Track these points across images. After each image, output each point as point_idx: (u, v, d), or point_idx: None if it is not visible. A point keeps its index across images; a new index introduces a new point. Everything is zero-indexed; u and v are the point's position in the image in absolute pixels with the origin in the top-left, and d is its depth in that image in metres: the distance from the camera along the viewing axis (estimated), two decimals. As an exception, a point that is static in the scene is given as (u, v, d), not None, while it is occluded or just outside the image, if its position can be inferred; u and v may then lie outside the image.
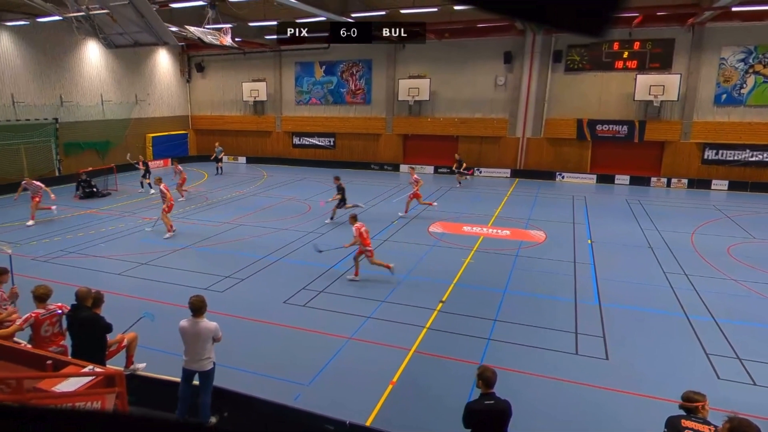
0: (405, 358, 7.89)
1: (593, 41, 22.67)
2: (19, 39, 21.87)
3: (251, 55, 29.89)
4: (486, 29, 24.14)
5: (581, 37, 3.51)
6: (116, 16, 11.25)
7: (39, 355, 5.97)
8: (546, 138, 25.51)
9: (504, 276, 11.60)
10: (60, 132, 23.72)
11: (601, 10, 0.66)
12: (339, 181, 16.00)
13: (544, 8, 0.65)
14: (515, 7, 0.65)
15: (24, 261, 11.59)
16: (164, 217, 14.56)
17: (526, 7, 0.65)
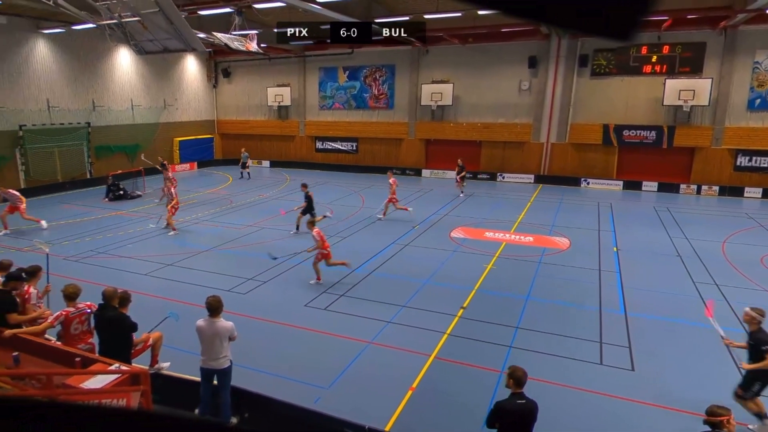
0: (425, 364, 7.84)
1: (621, 45, 22.27)
2: (55, 46, 22.69)
3: (276, 61, 30.33)
4: (510, 34, 23.98)
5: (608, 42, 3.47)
6: (147, 24, 11.56)
7: (68, 352, 6.15)
8: (571, 143, 25.14)
9: (526, 283, 11.44)
10: (92, 135, 24.46)
11: (629, 13, 0.64)
12: (306, 189, 15.25)
13: (571, 12, 0.64)
14: (541, 11, 0.64)
15: (56, 260, 11.92)
16: (169, 217, 15.38)
17: (552, 11, 0.64)
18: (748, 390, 6.08)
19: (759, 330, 6.02)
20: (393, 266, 12.56)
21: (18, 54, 21.31)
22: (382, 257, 13.23)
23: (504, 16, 10.42)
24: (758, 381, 6.02)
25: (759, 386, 6.04)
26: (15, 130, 21.23)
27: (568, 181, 24.97)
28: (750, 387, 6.07)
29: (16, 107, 21.31)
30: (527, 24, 21.82)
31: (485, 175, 26.72)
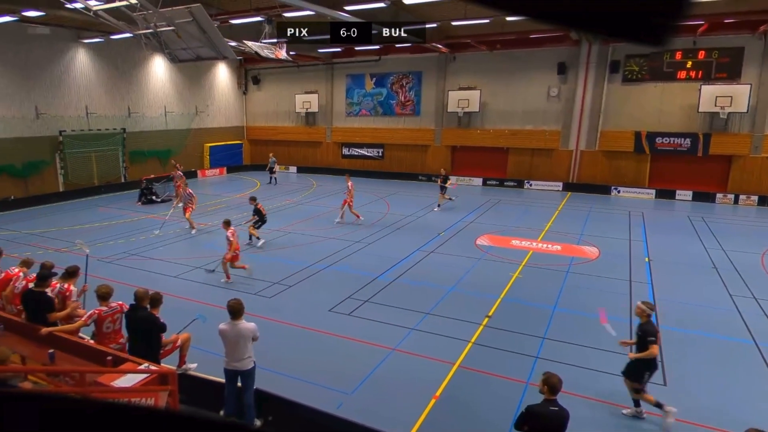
0: (449, 373, 7.76)
1: (654, 51, 21.77)
2: (94, 55, 23.60)
3: (304, 68, 30.78)
4: (539, 40, 23.74)
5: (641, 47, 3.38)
6: (181, 33, 11.90)
7: (100, 351, 6.33)
8: (601, 151, 24.63)
9: (554, 292, 11.22)
10: (127, 141, 25.30)
11: (662, 18, 0.63)
12: (255, 202, 15.15)
13: (602, 18, 0.63)
14: (572, 17, 0.62)
15: (91, 261, 12.31)
16: (189, 217, 16.08)
17: (583, 17, 0.62)
18: (641, 381, 6.48)
19: (647, 323, 6.50)
20: (418, 273, 12.51)
21: (60, 63, 22.25)
22: (406, 264, 13.20)
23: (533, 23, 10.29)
24: (647, 371, 6.47)
25: (648, 375, 6.49)
26: (55, 136, 22.13)
27: (597, 189, 24.44)
28: (641, 378, 6.48)
29: (57, 114, 22.21)
30: (557, 30, 21.58)
31: (512, 182, 26.42)
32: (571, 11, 0.62)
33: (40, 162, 21.65)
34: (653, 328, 6.46)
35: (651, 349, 6.26)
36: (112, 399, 5.47)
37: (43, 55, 21.47)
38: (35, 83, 21.34)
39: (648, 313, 6.55)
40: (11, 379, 5.02)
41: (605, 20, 0.63)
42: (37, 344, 6.68)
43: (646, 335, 6.37)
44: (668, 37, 0.64)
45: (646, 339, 6.34)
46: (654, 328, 6.46)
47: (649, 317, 6.54)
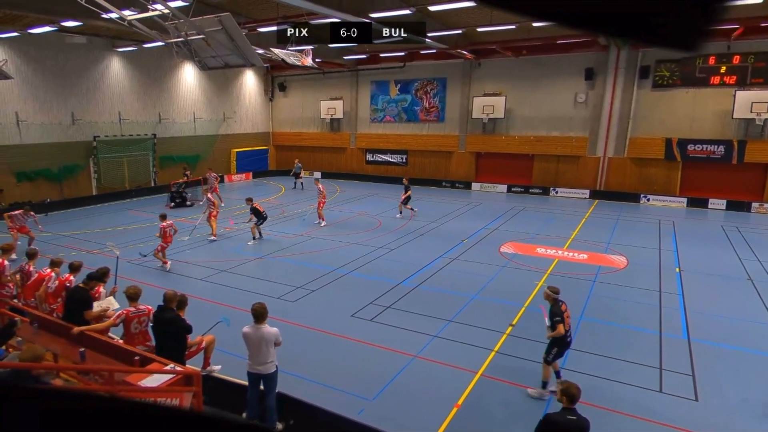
0: (471, 381, 7.67)
1: (686, 56, 21.24)
2: (127, 63, 24.38)
3: (330, 75, 31.11)
4: (566, 45, 23.45)
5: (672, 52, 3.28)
6: (211, 41, 12.18)
7: (128, 351, 6.48)
8: (630, 158, 24.09)
9: (580, 302, 10.99)
10: (157, 146, 25.99)
11: (694, 23, 0.61)
12: (251, 202, 15.88)
13: (632, 23, 0.61)
14: (601, 22, 0.61)
15: (121, 263, 12.65)
16: (212, 221, 16.27)
17: (612, 22, 0.61)
18: (548, 353, 7.19)
19: (554, 304, 7.18)
20: (440, 280, 12.44)
21: (95, 71, 23.05)
22: (429, 270, 13.14)
23: (561, 28, 10.17)
24: (555, 346, 7.14)
25: (556, 350, 7.15)
26: (90, 141, 22.90)
27: (626, 197, 23.89)
28: (549, 350, 7.19)
29: (92, 120, 23.01)
30: (585, 36, 21.28)
31: (537, 189, 26.06)
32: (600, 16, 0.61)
33: (74, 166, 22.44)
34: (559, 308, 7.13)
35: (558, 328, 7.01)
36: (139, 398, 5.57)
37: (80, 63, 22.29)
38: (72, 90, 22.16)
39: (553, 297, 7.26)
40: (44, 376, 5.18)
41: (635, 25, 0.62)
42: (69, 342, 6.88)
43: (554, 316, 7.11)
44: (701, 42, 0.62)
45: (554, 320, 7.08)
46: (560, 309, 7.13)
47: (555, 300, 7.23)
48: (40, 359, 4.98)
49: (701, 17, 0.61)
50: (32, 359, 4.80)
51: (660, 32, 0.62)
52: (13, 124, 20.21)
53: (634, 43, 20.09)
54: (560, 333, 7.00)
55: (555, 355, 7.19)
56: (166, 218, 13.21)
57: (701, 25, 0.61)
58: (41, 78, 20.98)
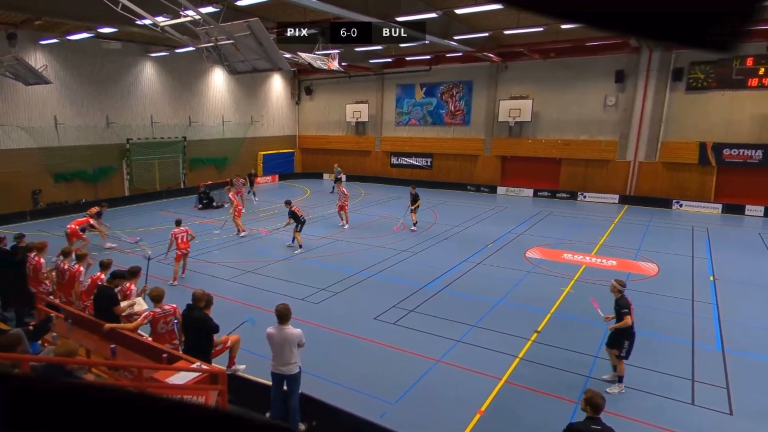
0: (495, 388, 7.57)
1: (722, 57, 20.56)
2: (160, 68, 25.06)
3: (356, 78, 31.30)
4: (596, 47, 23.00)
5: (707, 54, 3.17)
6: (240, 46, 12.40)
7: (157, 349, 6.63)
8: (661, 162, 23.44)
9: (608, 309, 10.66)
10: (187, 149, 26.61)
11: (731, 23, 0.59)
12: (290, 205, 15.52)
13: (666, 24, 0.59)
14: (632, 24, 0.59)
15: (151, 262, 12.96)
16: (236, 220, 16.82)
17: (645, 23, 0.59)
18: (621, 348, 7.41)
19: (621, 297, 7.49)
20: (464, 284, 12.33)
21: (129, 75, 23.77)
22: (453, 274, 13.04)
23: (590, 30, 9.99)
24: (626, 339, 7.39)
25: (628, 344, 7.40)
26: (123, 143, 23.61)
27: (657, 203, 23.24)
28: (621, 345, 7.42)
29: (125, 123, 23.72)
30: (615, 37, 20.85)
31: (564, 194, 25.60)
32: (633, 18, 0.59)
33: (108, 168, 23.16)
34: (626, 301, 7.41)
35: (625, 319, 7.29)
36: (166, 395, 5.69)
37: (115, 68, 23.02)
38: (107, 95, 22.90)
39: (620, 289, 7.55)
40: (77, 370, 5.34)
41: (669, 26, 0.60)
42: (101, 339, 7.09)
43: (621, 308, 7.40)
44: (738, 43, 0.60)
45: (621, 311, 7.38)
46: (627, 302, 7.40)
47: (621, 293, 7.53)
48: (74, 354, 5.13)
49: (739, 17, 0.59)
50: (66, 354, 4.94)
51: (695, 33, 0.60)
52: (52, 126, 20.99)
53: (667, 45, 19.58)
54: (627, 324, 7.27)
55: (628, 348, 7.40)
56: (180, 224, 12.68)
57: (739, 25, 0.59)
58: (78, 82, 21.76)
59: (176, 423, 0.56)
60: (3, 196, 19.39)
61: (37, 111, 20.47)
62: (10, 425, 0.55)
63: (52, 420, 0.55)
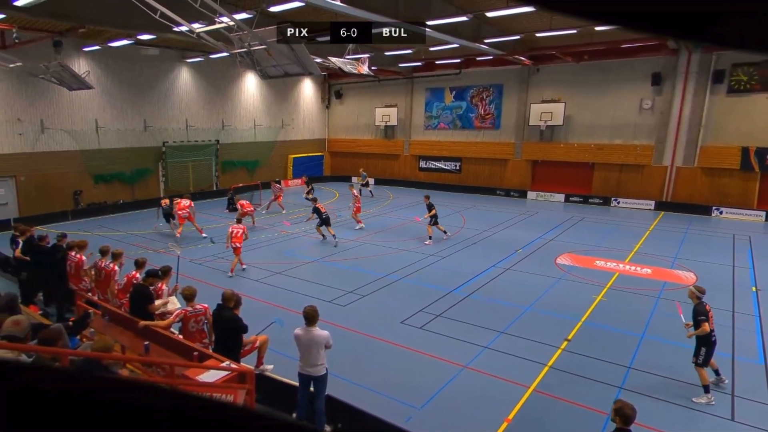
0: (523, 396, 7.43)
1: (766, 59, 19.71)
2: (195, 73, 25.78)
3: (385, 82, 31.42)
4: (632, 50, 22.42)
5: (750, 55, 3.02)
6: (272, 51, 12.63)
7: (188, 347, 6.78)
8: (700, 167, 22.61)
9: (642, 319, 10.40)
10: (219, 152, 27.24)
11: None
12: (316, 202, 17.09)
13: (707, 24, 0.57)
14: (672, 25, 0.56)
15: (183, 262, 13.31)
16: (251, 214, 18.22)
17: (685, 24, 0.56)
18: (698, 355, 7.33)
19: (699, 304, 7.43)
20: (492, 290, 12.17)
21: (166, 80, 24.54)
22: (481, 279, 12.90)
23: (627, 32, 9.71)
24: (703, 346, 7.30)
25: (705, 351, 7.30)
26: (159, 146, 24.37)
27: (695, 210, 22.42)
28: (698, 352, 7.35)
29: (162, 126, 24.48)
30: (652, 39, 20.28)
31: (597, 199, 24.99)
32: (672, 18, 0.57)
33: (145, 170, 23.93)
34: (704, 308, 7.34)
35: (703, 326, 7.22)
36: (197, 392, 5.81)
37: (153, 73, 23.80)
38: (145, 99, 23.70)
39: (698, 296, 7.47)
40: (113, 366, 5.52)
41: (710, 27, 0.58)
42: (135, 335, 7.31)
43: (698, 315, 7.32)
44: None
45: (698, 319, 7.30)
46: (705, 309, 7.33)
47: (700, 299, 7.45)
48: (110, 350, 5.30)
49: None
50: (103, 349, 5.12)
51: (738, 34, 0.58)
52: (93, 130, 21.84)
53: (707, 46, 18.93)
54: (705, 331, 7.21)
55: (705, 356, 7.33)
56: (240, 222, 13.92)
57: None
58: (118, 88, 22.58)
59: (206, 420, 0.57)
60: (47, 196, 20.30)
61: (79, 115, 21.35)
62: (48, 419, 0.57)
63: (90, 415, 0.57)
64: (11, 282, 11.77)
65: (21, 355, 4.64)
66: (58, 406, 0.57)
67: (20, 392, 0.57)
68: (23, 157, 19.70)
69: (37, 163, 20.11)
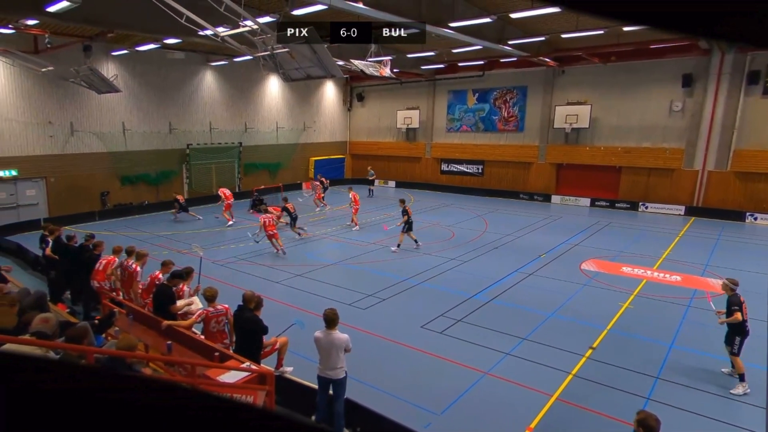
0: (545, 404, 7.24)
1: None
2: (219, 76, 26.17)
3: (407, 85, 31.34)
4: (661, 50, 21.85)
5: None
6: (295, 54, 12.70)
7: (209, 347, 6.82)
8: (734, 171, 21.85)
9: (671, 328, 10.06)
10: (242, 154, 27.55)
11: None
12: (285, 201, 17.47)
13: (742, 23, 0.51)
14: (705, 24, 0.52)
15: (205, 263, 13.45)
16: None
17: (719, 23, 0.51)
18: (733, 344, 7.67)
19: (733, 295, 7.80)
20: (515, 295, 11.95)
21: (191, 84, 24.97)
22: (503, 285, 12.68)
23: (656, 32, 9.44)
24: (737, 335, 7.66)
25: (739, 340, 7.65)
26: (183, 149, 24.78)
27: (728, 215, 21.66)
28: (733, 341, 7.68)
29: (186, 129, 24.90)
30: (683, 39, 19.73)
31: (624, 204, 24.39)
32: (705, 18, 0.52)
33: (170, 172, 24.36)
34: (737, 299, 7.71)
35: (735, 315, 7.60)
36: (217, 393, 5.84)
37: (178, 77, 24.25)
38: (170, 102, 24.15)
39: (732, 288, 7.83)
40: (136, 364, 5.58)
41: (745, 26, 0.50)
42: (158, 335, 7.39)
43: (731, 305, 7.69)
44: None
45: (731, 308, 7.66)
46: (738, 299, 7.70)
47: (733, 290, 7.81)
48: (134, 349, 5.37)
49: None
50: (127, 348, 5.19)
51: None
52: (120, 132, 22.36)
53: (742, 46, 18.32)
54: (737, 319, 7.55)
55: (740, 344, 7.62)
56: (266, 211, 15.44)
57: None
58: (145, 91, 23.07)
59: (226, 421, 0.58)
60: (76, 197, 20.84)
61: (107, 118, 21.87)
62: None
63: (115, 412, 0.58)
64: (41, 280, 12.09)
65: (49, 352, 4.70)
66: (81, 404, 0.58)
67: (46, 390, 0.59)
68: (53, 158, 20.27)
69: (67, 164, 20.67)
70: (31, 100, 19.38)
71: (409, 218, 15.83)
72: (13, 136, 19.06)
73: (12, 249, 15.03)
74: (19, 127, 19.17)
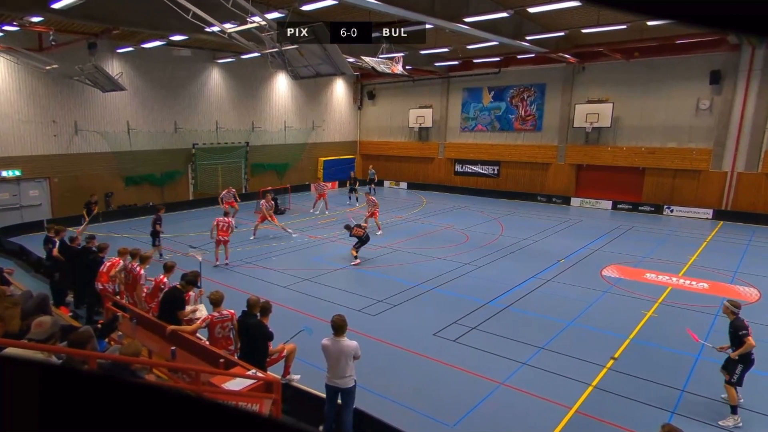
0: (564, 418, 6.87)
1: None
2: (226, 73, 25.78)
3: (420, 82, 30.78)
4: (687, 46, 21.00)
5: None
6: (303, 51, 12.35)
7: (214, 353, 6.58)
8: (765, 173, 20.85)
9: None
10: (249, 154, 27.14)
11: None
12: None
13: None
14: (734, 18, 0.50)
15: (208, 267, 13.14)
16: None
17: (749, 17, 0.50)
18: (732, 373, 6.67)
19: (736, 319, 6.76)
20: (532, 302, 11.40)
21: (197, 81, 24.59)
22: (520, 291, 12.13)
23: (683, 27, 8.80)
24: (740, 363, 6.64)
25: (741, 369, 6.65)
26: (189, 148, 24.41)
27: (759, 219, 20.65)
28: (733, 370, 6.68)
29: (192, 128, 24.53)
30: (710, 34, 18.91)
31: (648, 207, 23.50)
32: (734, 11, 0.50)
33: (175, 172, 23.98)
34: (743, 323, 6.67)
35: (748, 341, 6.54)
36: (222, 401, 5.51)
37: (184, 74, 23.88)
38: (176, 101, 23.78)
39: (735, 311, 6.82)
40: (140, 371, 5.41)
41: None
42: (163, 340, 7.16)
43: (738, 330, 6.64)
44: None
45: (739, 334, 6.61)
46: (744, 323, 6.67)
47: (736, 314, 6.80)
48: (139, 354, 5.26)
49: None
50: (132, 354, 5.14)
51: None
52: (125, 132, 22.03)
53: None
54: (752, 346, 6.58)
55: (740, 374, 6.70)
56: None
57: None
58: (150, 89, 22.77)
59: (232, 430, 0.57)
60: (80, 198, 20.49)
61: (112, 117, 21.54)
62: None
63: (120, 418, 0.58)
64: (43, 283, 11.90)
65: (52, 357, 4.63)
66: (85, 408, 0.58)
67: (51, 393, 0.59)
68: (57, 158, 19.98)
69: (71, 164, 20.36)
70: (35, 98, 19.15)
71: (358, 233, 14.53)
72: (17, 136, 18.81)
73: (14, 250, 14.90)
74: (23, 127, 18.91)
